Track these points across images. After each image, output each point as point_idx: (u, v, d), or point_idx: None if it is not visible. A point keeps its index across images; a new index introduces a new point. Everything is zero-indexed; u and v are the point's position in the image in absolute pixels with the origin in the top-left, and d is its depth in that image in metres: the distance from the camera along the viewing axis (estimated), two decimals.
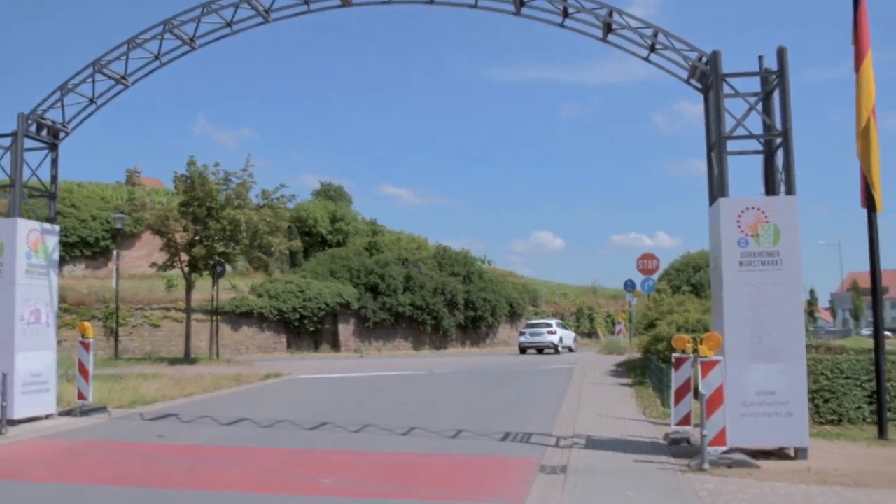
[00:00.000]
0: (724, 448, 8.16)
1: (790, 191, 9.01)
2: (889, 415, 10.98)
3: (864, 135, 11.12)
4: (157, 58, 12.16)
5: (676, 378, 10.04)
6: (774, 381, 8.52)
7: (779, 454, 8.73)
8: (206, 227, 26.85)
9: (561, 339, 36.76)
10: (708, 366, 8.37)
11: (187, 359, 27.86)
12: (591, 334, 48.74)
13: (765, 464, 8.21)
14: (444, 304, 42.08)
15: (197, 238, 27.37)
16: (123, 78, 12.29)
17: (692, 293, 23.38)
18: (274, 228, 27.68)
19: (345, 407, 14.66)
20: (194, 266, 28.23)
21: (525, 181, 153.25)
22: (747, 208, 8.90)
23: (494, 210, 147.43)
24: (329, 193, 57.82)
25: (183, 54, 12.19)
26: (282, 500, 7.01)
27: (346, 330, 40.95)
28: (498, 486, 7.64)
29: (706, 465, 7.91)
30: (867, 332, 66.65)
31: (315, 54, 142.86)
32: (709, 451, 8.02)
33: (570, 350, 37.80)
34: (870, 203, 11.12)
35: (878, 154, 11.16)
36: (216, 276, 29.47)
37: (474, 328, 44.00)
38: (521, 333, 38.09)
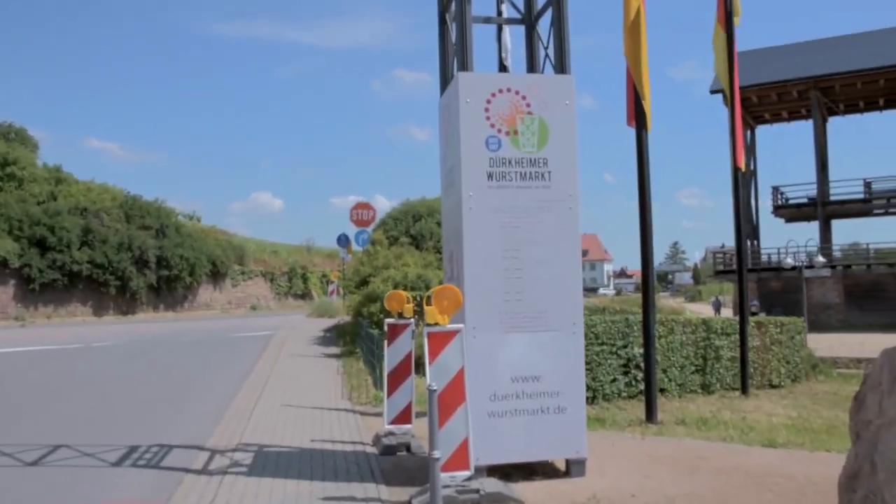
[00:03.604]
0: (466, 473, 4.90)
1: (562, 69, 5.93)
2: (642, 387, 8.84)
3: (632, 30, 8.67)
4: None
5: (391, 354, 6.74)
6: (539, 360, 5.43)
7: (544, 469, 5.71)
8: None
9: None
10: (440, 339, 5.00)
11: None
12: (305, 295, 45.07)
13: (528, 491, 5.09)
14: (132, 262, 35.90)
15: None
16: None
17: (412, 245, 20.65)
18: None
19: None
20: None
21: (245, 141, 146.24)
22: (501, 90, 5.63)
23: (213, 169, 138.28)
24: (9, 136, 47.46)
25: None
26: None
27: (3, 293, 33.46)
28: None
29: None
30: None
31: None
32: (444, 480, 4.72)
33: None
34: (639, 119, 8.64)
35: (647, 57, 8.69)
36: None
37: (169, 290, 38.22)
38: None
